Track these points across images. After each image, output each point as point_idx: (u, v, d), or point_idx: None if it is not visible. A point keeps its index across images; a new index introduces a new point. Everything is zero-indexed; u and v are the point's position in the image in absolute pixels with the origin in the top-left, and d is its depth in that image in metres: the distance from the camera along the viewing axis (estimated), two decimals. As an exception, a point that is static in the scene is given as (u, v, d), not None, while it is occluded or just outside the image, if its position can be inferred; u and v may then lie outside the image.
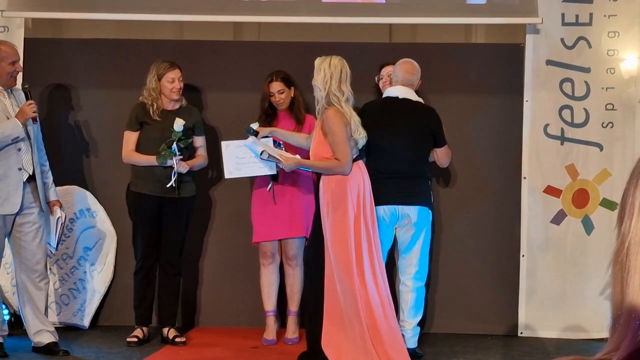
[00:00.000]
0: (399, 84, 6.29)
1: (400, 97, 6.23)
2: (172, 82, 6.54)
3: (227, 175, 6.49)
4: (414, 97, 6.28)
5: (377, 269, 5.73)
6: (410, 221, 6.10)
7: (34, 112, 6.00)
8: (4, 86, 6.07)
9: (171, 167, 6.43)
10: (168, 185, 6.42)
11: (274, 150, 6.12)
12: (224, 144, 6.49)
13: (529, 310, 6.94)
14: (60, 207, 6.24)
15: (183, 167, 6.46)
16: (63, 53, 7.32)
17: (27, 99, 6.07)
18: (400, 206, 6.08)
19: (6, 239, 6.10)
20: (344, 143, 5.77)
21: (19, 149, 5.99)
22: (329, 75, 5.80)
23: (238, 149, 6.38)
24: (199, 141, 6.71)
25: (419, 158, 6.24)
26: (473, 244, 7.14)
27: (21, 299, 6.16)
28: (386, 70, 6.67)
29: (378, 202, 5.96)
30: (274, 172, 6.39)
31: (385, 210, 6.03)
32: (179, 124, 6.41)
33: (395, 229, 6.14)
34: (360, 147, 5.90)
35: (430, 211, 6.21)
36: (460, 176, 7.16)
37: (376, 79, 6.74)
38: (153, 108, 6.53)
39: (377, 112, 6.18)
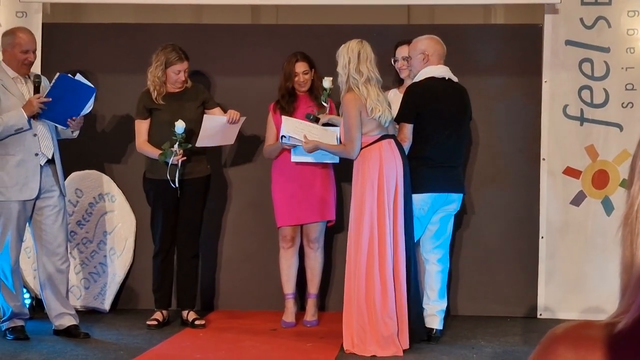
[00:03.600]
0: (440, 62, 6.13)
1: (446, 77, 6.13)
2: (177, 74, 6.52)
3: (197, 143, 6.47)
4: (454, 77, 6.21)
5: (387, 255, 5.74)
6: (453, 207, 6.15)
7: (40, 107, 5.99)
8: (18, 73, 6.08)
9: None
10: (174, 187, 6.43)
11: (298, 133, 6.15)
12: (206, 117, 6.50)
13: (549, 292, 6.92)
14: None
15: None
16: (81, 38, 7.34)
17: (36, 92, 6.05)
18: (449, 194, 6.08)
19: (27, 223, 6.14)
20: (352, 128, 5.81)
21: (35, 134, 6.01)
22: (347, 60, 5.85)
23: (212, 121, 6.47)
24: (217, 112, 6.68)
25: (463, 144, 6.34)
26: (492, 225, 7.12)
27: (42, 283, 6.19)
28: (401, 53, 6.59)
29: (429, 189, 5.96)
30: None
31: (434, 197, 6.02)
32: (179, 126, 6.34)
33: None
34: (386, 125, 5.85)
35: None
36: (478, 158, 7.13)
37: (392, 60, 6.66)
38: (155, 94, 6.54)
39: (427, 95, 6.03)
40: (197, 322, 6.56)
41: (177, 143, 6.34)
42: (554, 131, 6.91)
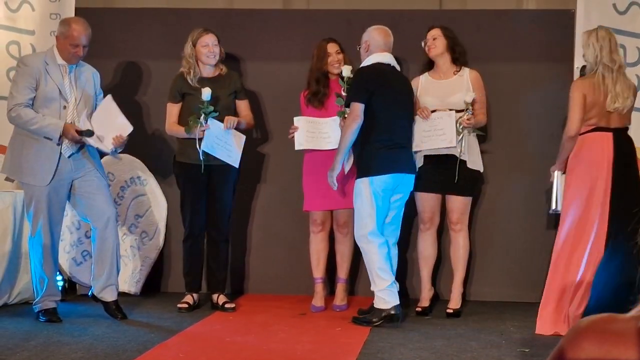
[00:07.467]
0: (386, 50, 6.21)
1: (391, 64, 6.22)
2: (205, 46, 6.54)
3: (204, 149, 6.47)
4: (397, 66, 6.30)
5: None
6: (408, 189, 6.19)
7: (73, 144, 6.01)
8: (66, 61, 6.09)
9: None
10: (202, 159, 6.45)
11: (316, 135, 6.39)
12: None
13: (579, 279, 6.88)
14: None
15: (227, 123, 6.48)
16: (114, 22, 7.38)
17: (79, 135, 5.99)
18: (406, 174, 6.13)
19: (68, 201, 6.14)
20: (570, 107, 5.89)
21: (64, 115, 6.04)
22: (598, 48, 5.89)
23: (219, 130, 6.45)
24: (243, 104, 6.73)
25: (412, 127, 6.37)
26: (520, 213, 7.11)
27: (95, 255, 6.19)
28: (431, 34, 6.58)
29: (390, 170, 6.01)
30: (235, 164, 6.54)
31: (395, 178, 6.04)
32: (206, 94, 6.36)
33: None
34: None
35: None
36: (508, 143, 7.11)
37: (422, 43, 6.63)
38: (190, 76, 6.56)
39: (378, 78, 6.10)
40: (227, 306, 6.61)
41: (203, 111, 6.36)
42: (585, 117, 6.85)
